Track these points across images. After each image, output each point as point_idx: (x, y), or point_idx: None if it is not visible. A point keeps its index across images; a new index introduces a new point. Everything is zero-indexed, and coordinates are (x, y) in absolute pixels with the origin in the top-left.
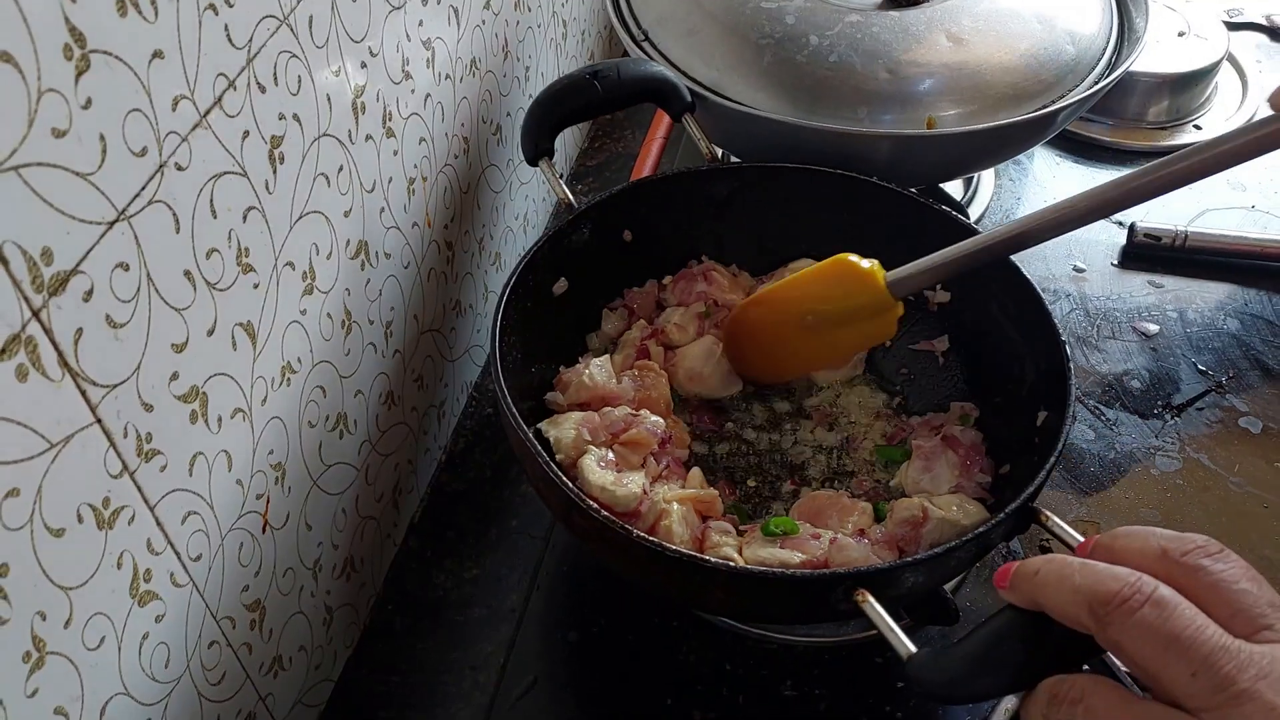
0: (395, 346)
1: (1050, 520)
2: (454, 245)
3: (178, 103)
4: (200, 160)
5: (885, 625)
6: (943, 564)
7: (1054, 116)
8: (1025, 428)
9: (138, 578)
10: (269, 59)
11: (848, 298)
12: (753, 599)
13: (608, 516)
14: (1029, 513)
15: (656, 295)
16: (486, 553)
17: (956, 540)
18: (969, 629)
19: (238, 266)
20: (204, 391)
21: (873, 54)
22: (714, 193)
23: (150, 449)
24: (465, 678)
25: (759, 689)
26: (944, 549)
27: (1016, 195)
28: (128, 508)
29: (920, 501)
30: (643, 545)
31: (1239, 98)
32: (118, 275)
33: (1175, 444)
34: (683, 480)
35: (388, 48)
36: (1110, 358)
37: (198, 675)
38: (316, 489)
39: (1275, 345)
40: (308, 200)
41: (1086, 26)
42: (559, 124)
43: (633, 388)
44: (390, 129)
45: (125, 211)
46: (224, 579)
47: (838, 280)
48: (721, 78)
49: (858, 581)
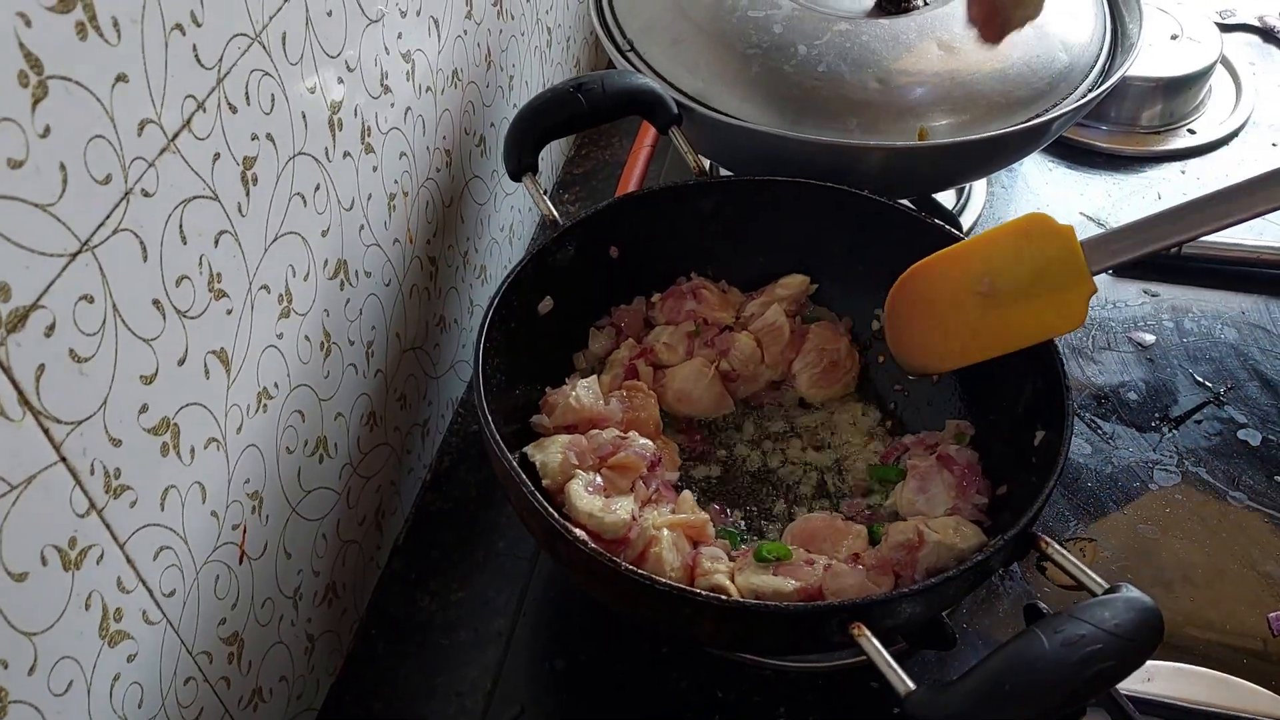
0: (377, 366)
1: (1051, 547)
2: (437, 260)
3: (144, 127)
4: (168, 185)
5: (882, 660)
6: (940, 593)
7: (1048, 125)
8: (1022, 446)
9: (108, 617)
10: (240, 78)
11: (1038, 257)
12: (745, 632)
13: (594, 548)
14: (1029, 539)
15: (645, 313)
16: (473, 574)
17: (954, 567)
18: (966, 653)
19: (209, 293)
20: (175, 423)
21: (862, 63)
22: (701, 207)
23: (119, 485)
24: (451, 704)
25: (752, 716)
26: (941, 579)
27: (1009, 203)
28: (96, 546)
29: (916, 524)
30: (630, 578)
31: (1233, 101)
32: (81, 308)
33: (1173, 458)
34: (673, 504)
35: (365, 62)
36: (1106, 369)
37: (173, 713)
38: (296, 516)
39: (1273, 354)
40: (283, 221)
41: (1079, 33)
42: (542, 139)
43: (621, 409)
44: (369, 145)
45: (89, 242)
46: (199, 613)
47: (1028, 237)
48: (708, 88)
49: (853, 614)
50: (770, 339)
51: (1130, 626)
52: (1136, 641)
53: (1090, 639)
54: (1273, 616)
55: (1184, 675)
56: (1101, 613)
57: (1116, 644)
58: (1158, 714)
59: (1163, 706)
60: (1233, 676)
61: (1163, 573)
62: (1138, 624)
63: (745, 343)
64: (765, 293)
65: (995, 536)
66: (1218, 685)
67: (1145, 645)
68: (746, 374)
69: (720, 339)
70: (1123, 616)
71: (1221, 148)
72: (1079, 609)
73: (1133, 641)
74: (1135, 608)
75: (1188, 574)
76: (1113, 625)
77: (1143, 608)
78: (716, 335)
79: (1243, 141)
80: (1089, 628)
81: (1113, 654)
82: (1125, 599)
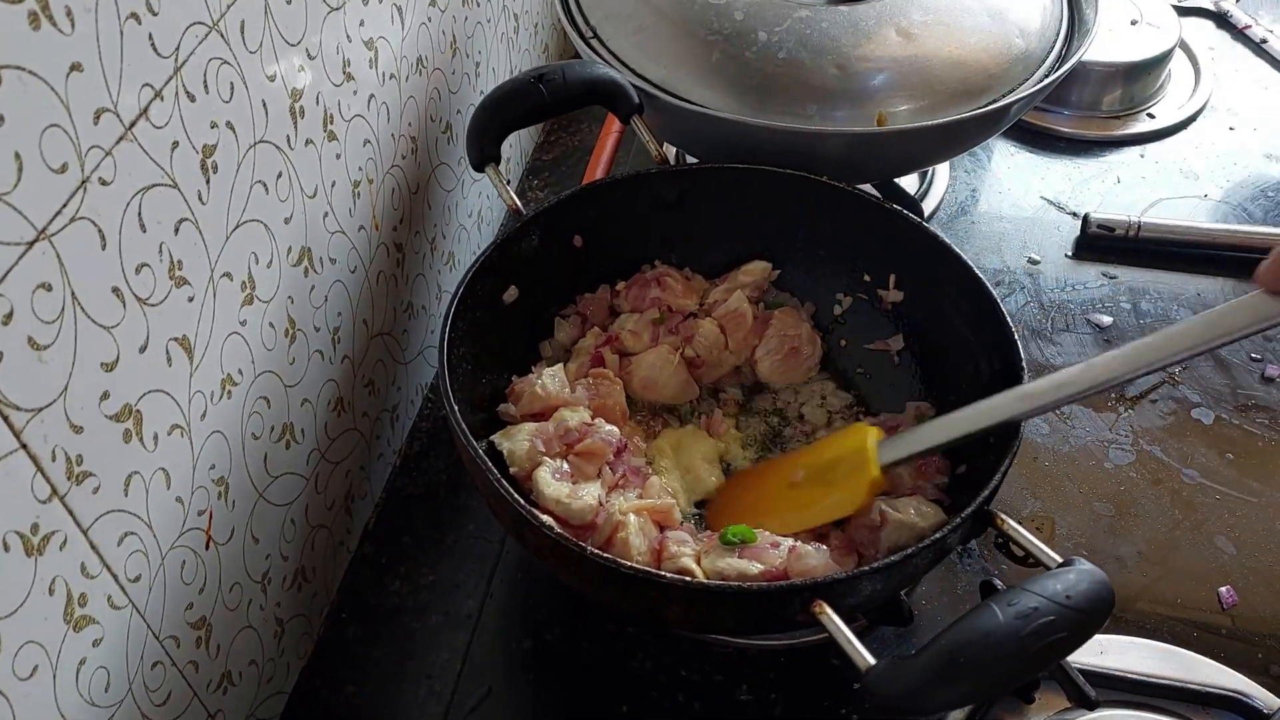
0: (344, 352)
1: (1007, 524)
2: (404, 247)
3: (100, 116)
4: (126, 174)
5: (843, 636)
6: (900, 571)
7: (1005, 110)
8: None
9: (72, 603)
10: (198, 66)
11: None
12: (710, 613)
13: (560, 534)
14: (985, 516)
15: (609, 301)
16: (443, 557)
17: (914, 546)
18: (924, 629)
19: (170, 280)
20: (138, 409)
21: (822, 50)
22: (664, 195)
23: (81, 471)
24: (421, 686)
25: (715, 694)
26: (900, 556)
27: (972, 187)
28: (59, 532)
29: (878, 504)
30: (597, 562)
31: (1191, 85)
32: (40, 296)
33: (1129, 436)
34: (640, 489)
35: (327, 49)
36: (1064, 350)
37: (141, 697)
38: (263, 501)
39: None
40: (244, 209)
41: (1036, 19)
42: (504, 130)
43: (587, 396)
44: (332, 132)
45: (45, 230)
46: (166, 598)
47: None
48: (670, 75)
49: (815, 593)
50: (734, 325)
51: (1081, 598)
52: (1087, 612)
53: (1043, 611)
54: (1223, 590)
55: (1136, 648)
56: (1054, 585)
57: (1068, 615)
58: (1110, 686)
59: (1115, 679)
60: (1183, 649)
61: (1118, 549)
62: (1089, 596)
63: (709, 329)
64: (728, 279)
65: (954, 515)
66: (1169, 658)
67: (1096, 616)
68: (711, 360)
69: (684, 326)
70: (1074, 589)
71: (1180, 131)
72: (1031, 583)
73: (1084, 613)
74: (1087, 580)
75: (1142, 550)
76: (1064, 598)
77: (1094, 580)
78: (681, 322)
79: (1201, 125)
80: (1041, 600)
81: (1064, 625)
82: (1077, 571)
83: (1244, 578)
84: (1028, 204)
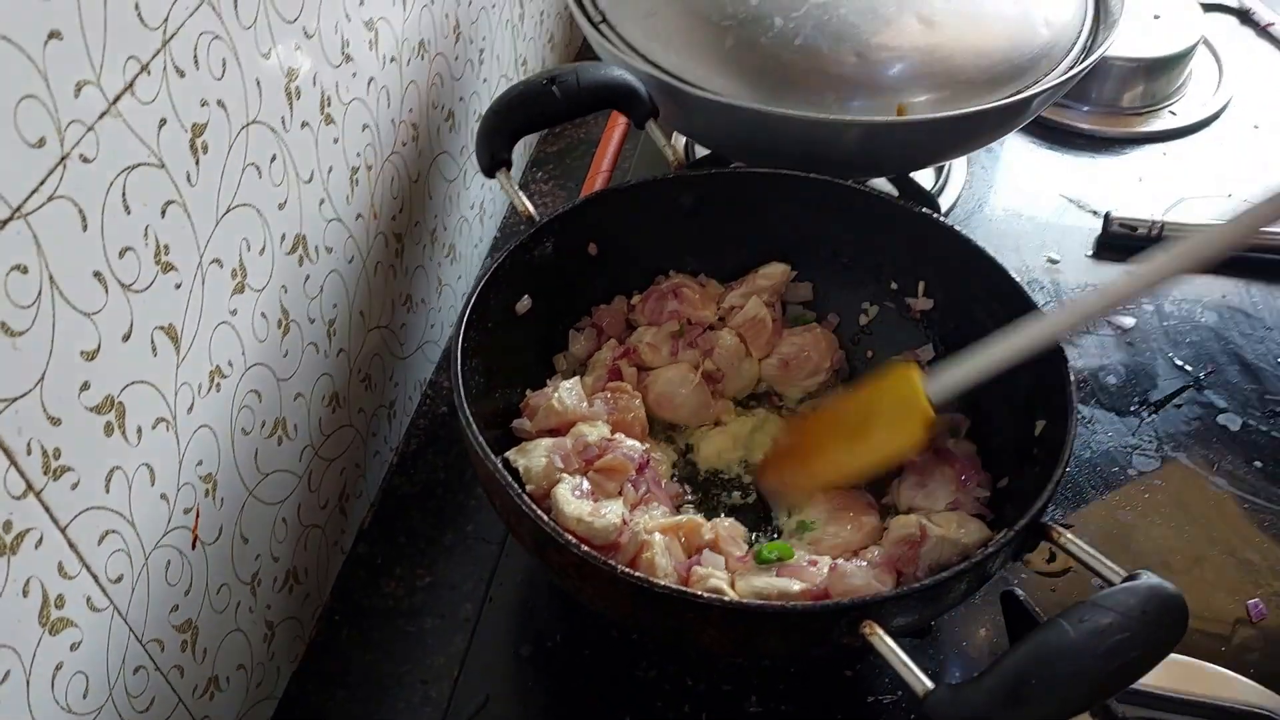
0: (339, 345)
1: (1063, 537)
2: (403, 237)
3: (81, 88)
4: (109, 151)
5: (897, 659)
6: (952, 589)
7: (1028, 103)
8: (1022, 438)
9: (48, 604)
10: (188, 40)
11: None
12: (750, 636)
13: (588, 551)
14: (1039, 529)
15: (626, 314)
16: (440, 558)
17: (957, 562)
18: (938, 638)
19: (156, 265)
20: (120, 401)
21: (840, 36)
22: (682, 202)
23: (59, 465)
24: (416, 692)
25: (723, 706)
26: (953, 572)
27: (989, 184)
28: (34, 530)
29: (918, 519)
30: (628, 581)
31: (1215, 82)
32: (14, 279)
33: (1153, 442)
34: (665, 507)
35: (325, 29)
36: (1085, 352)
37: (122, 704)
38: (253, 499)
39: (1254, 338)
40: (236, 192)
41: (1061, 9)
42: (515, 134)
43: (605, 411)
44: (329, 115)
45: (21, 209)
46: (149, 600)
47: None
48: (682, 62)
49: (864, 613)
50: (753, 333)
51: (1156, 614)
52: (1163, 628)
53: (1117, 626)
54: (1251, 603)
55: (1162, 662)
56: (1127, 599)
57: (1144, 632)
58: (1135, 701)
59: (1139, 695)
60: (1210, 664)
61: (1141, 559)
62: (1162, 610)
63: (728, 340)
64: (745, 283)
65: (999, 530)
66: (1195, 673)
67: (1174, 632)
68: (731, 371)
69: (704, 338)
70: (1149, 604)
71: (1203, 129)
72: (1102, 596)
73: (1160, 628)
74: (1160, 594)
75: (1166, 560)
76: (1139, 612)
77: (1167, 594)
78: (700, 335)
79: (1224, 124)
80: (1115, 615)
81: (1140, 642)
82: (1149, 585)
83: (1273, 590)
84: (1047, 202)
